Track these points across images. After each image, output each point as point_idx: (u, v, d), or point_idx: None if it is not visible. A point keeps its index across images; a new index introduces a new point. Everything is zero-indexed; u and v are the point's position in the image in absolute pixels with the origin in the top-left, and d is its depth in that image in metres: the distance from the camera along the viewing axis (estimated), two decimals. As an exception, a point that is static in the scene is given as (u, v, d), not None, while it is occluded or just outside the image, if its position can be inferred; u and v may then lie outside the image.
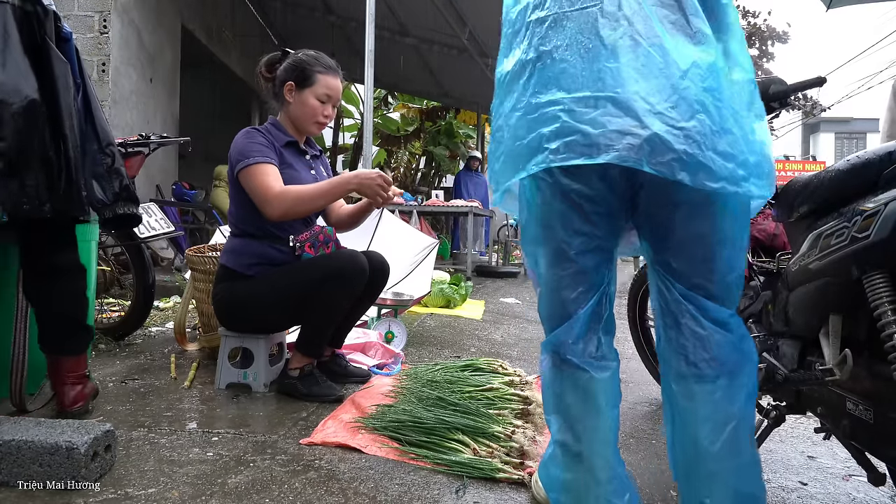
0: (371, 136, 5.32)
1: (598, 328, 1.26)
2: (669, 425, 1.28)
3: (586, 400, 1.26)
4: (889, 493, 1.84)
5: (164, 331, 3.35)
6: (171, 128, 6.52)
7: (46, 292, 1.86)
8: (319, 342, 2.28)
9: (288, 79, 2.28)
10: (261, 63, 2.36)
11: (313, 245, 2.24)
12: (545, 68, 1.14)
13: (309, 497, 1.46)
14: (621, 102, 1.06)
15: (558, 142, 1.08)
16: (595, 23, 1.12)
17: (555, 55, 1.13)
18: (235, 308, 2.23)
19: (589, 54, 1.10)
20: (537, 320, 4.67)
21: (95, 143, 1.80)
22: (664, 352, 1.26)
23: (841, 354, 1.31)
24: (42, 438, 1.42)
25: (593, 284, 1.24)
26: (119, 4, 5.41)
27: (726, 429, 1.20)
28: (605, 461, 1.26)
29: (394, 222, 4.11)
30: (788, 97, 1.67)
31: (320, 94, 2.29)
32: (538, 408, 2.08)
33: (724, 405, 1.20)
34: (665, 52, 1.08)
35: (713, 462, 1.22)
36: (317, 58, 2.32)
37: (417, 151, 12.77)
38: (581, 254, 1.22)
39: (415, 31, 7.86)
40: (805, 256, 1.44)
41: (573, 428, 1.26)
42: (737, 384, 1.20)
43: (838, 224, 1.32)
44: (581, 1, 1.14)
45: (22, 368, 1.90)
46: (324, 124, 2.37)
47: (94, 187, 1.79)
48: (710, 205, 1.16)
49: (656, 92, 1.06)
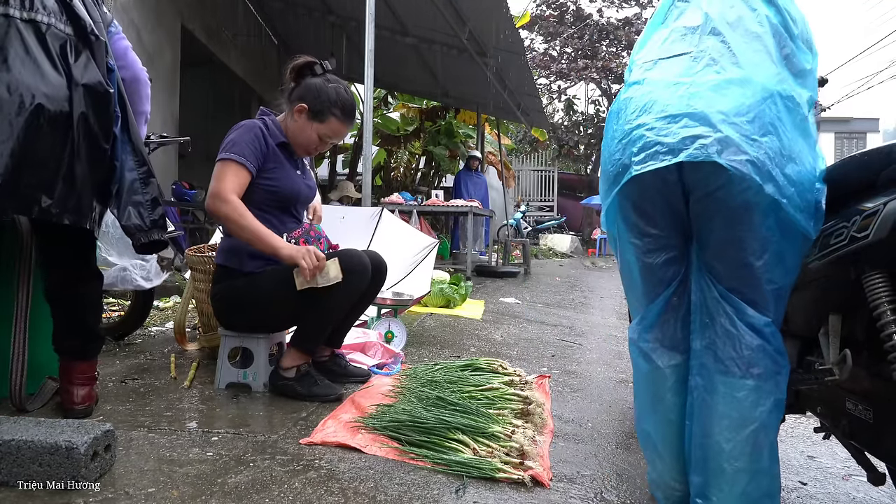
0: (371, 135, 5.32)
1: (671, 319, 1.43)
2: (689, 419, 1.39)
3: (650, 386, 1.46)
4: (889, 493, 1.85)
5: (163, 331, 3.35)
6: (171, 128, 6.51)
7: (69, 299, 1.91)
8: (316, 340, 2.27)
9: (305, 101, 2.26)
10: (297, 63, 2.31)
11: (307, 241, 2.25)
12: (634, 99, 1.36)
13: (309, 497, 1.46)
14: (698, 115, 1.24)
15: (642, 154, 1.27)
16: (683, 63, 1.34)
17: (645, 87, 1.36)
18: (235, 307, 2.23)
19: (676, 87, 1.31)
20: (537, 320, 4.69)
21: (135, 172, 1.86)
22: (695, 347, 1.38)
23: (840, 354, 1.31)
24: (42, 438, 1.42)
25: (662, 279, 1.42)
26: (119, 4, 5.41)
27: (744, 431, 1.29)
28: (670, 445, 1.43)
29: (394, 222, 4.12)
30: None
31: (323, 134, 2.29)
32: (538, 408, 2.08)
33: (747, 406, 1.28)
34: (746, 80, 1.26)
35: (725, 460, 1.28)
36: (341, 100, 2.28)
37: (417, 151, 12.75)
38: (649, 252, 1.41)
39: (415, 30, 7.84)
40: (804, 256, 1.45)
41: (643, 417, 1.49)
42: (765, 389, 1.29)
43: (837, 223, 1.32)
44: (675, 51, 1.38)
45: (22, 368, 1.91)
46: (312, 154, 2.40)
47: (131, 214, 1.84)
48: (752, 214, 1.26)
49: (733, 108, 1.23)
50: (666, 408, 1.44)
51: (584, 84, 19.58)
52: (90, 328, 1.96)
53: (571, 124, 19.46)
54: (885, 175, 1.25)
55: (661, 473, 1.47)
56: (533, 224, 17.45)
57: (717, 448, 1.30)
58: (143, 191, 1.87)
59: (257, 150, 2.18)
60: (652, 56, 1.43)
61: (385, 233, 3.90)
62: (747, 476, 1.28)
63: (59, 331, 1.92)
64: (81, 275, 1.94)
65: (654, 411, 1.46)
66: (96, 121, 1.73)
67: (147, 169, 1.89)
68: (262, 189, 2.21)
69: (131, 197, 1.85)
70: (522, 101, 9.47)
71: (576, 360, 3.41)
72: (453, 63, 8.24)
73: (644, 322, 1.46)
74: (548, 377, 2.77)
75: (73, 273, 1.92)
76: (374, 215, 4.00)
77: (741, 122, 1.22)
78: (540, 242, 15.50)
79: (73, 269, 1.92)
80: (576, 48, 18.08)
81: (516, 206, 16.42)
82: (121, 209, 1.83)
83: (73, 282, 1.91)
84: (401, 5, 7.27)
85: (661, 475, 1.47)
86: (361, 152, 6.74)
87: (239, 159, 2.13)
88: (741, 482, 1.27)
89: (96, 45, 1.77)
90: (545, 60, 17.93)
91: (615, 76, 18.08)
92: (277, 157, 2.25)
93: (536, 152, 20.46)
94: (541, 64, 17.58)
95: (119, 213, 1.83)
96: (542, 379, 2.69)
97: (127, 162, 1.85)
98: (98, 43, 1.78)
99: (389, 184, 12.16)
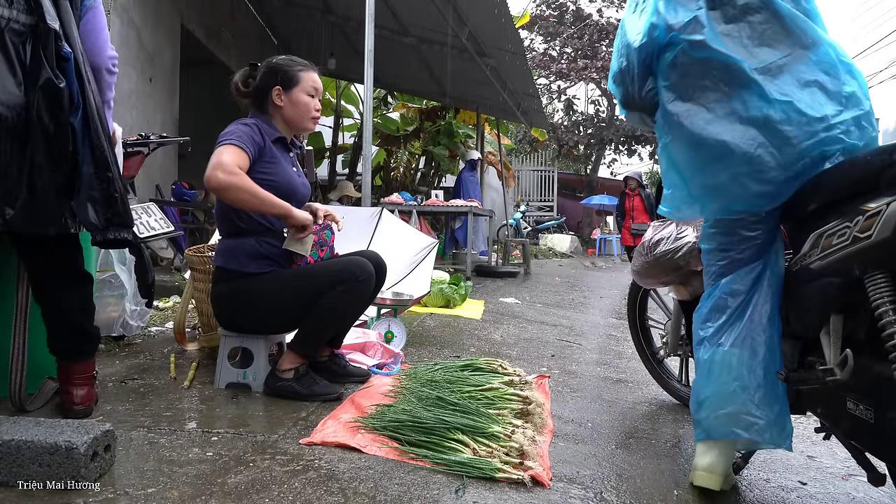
0: (370, 135, 5.32)
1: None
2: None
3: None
4: (889, 493, 1.84)
5: (163, 330, 3.34)
6: (170, 128, 6.51)
7: (55, 306, 1.88)
8: (317, 344, 2.28)
9: (273, 84, 2.28)
10: (233, 82, 2.34)
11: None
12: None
13: (308, 497, 1.45)
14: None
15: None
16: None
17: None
18: (235, 309, 2.23)
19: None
20: (537, 320, 4.69)
21: (92, 166, 1.76)
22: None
23: (842, 354, 1.31)
24: (42, 438, 1.41)
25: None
26: (118, 4, 5.41)
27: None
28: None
29: (393, 222, 4.12)
30: None
31: (308, 90, 2.32)
32: (538, 408, 2.08)
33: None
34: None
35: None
36: (292, 59, 2.36)
37: (417, 151, 12.75)
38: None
39: (415, 30, 7.84)
40: (806, 256, 1.44)
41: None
42: None
43: (840, 224, 1.32)
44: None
45: (22, 368, 1.90)
46: (317, 118, 2.40)
47: (88, 210, 1.76)
48: None
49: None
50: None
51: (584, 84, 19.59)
52: (83, 329, 1.93)
53: (571, 124, 19.47)
54: (888, 175, 1.25)
55: (744, 404, 1.54)
56: (533, 224, 17.46)
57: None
58: (98, 186, 1.77)
59: (254, 141, 2.18)
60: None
61: (385, 233, 3.90)
62: None
63: (52, 334, 1.90)
64: (63, 281, 1.88)
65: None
66: (51, 120, 1.66)
67: (104, 163, 1.78)
68: (260, 183, 2.19)
69: (88, 192, 1.76)
70: (522, 101, 9.47)
71: (576, 360, 3.41)
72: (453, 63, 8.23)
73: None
74: (547, 377, 2.76)
75: (53, 280, 1.87)
76: (373, 215, 4.00)
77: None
78: (540, 242, 15.51)
79: (53, 276, 1.87)
80: (575, 48, 18.09)
81: (516, 206, 16.42)
82: (79, 205, 1.75)
83: (55, 288, 1.87)
84: (401, 5, 7.27)
85: (745, 405, 1.54)
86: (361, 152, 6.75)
87: (238, 143, 2.11)
88: None
89: (46, 34, 1.66)
90: (545, 60, 17.94)
91: (615, 76, 18.06)
92: (274, 153, 2.25)
93: (536, 152, 20.47)
94: (541, 64, 17.58)
95: (77, 208, 1.74)
96: (542, 379, 2.69)
97: (85, 156, 1.76)
98: (48, 32, 1.66)
99: (389, 184, 12.15)
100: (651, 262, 2.18)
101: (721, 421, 1.59)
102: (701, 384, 1.65)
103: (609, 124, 18.68)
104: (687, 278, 2.14)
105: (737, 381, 1.56)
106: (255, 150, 2.17)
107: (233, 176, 2.03)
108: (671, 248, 2.12)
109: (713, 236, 1.67)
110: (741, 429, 1.56)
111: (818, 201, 1.45)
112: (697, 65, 1.55)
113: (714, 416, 1.60)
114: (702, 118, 1.54)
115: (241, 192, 2.05)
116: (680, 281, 2.18)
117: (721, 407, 1.59)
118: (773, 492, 1.80)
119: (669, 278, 2.19)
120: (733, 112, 1.51)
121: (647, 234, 2.25)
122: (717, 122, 1.53)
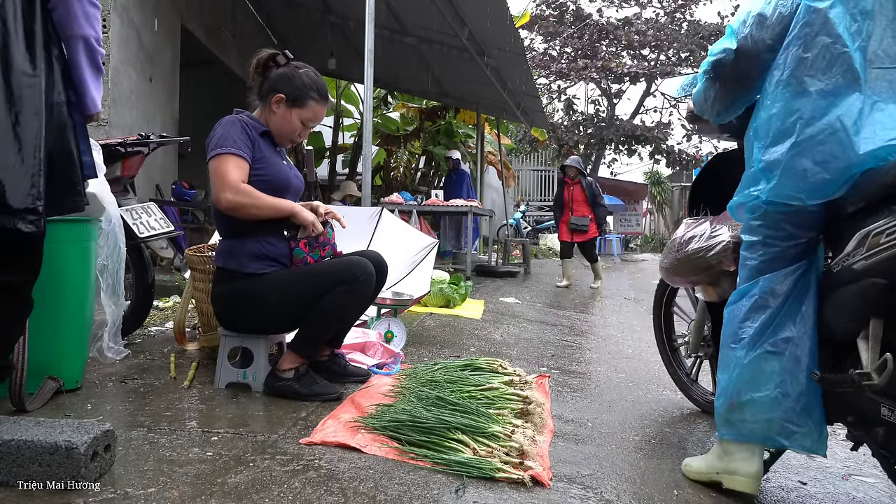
0: (370, 135, 5.32)
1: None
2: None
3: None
4: (889, 493, 1.85)
5: (163, 330, 3.34)
6: (170, 127, 6.51)
7: None
8: (317, 344, 2.28)
9: (280, 90, 2.26)
10: (259, 58, 2.31)
11: (308, 243, 2.23)
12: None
13: (308, 497, 1.46)
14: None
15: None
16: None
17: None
18: (236, 309, 2.22)
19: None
20: (537, 320, 4.69)
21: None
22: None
23: (881, 359, 1.28)
24: (42, 438, 1.41)
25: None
26: (118, 4, 5.41)
27: None
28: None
29: (393, 222, 4.11)
30: None
31: (305, 118, 2.30)
32: (538, 407, 2.08)
33: None
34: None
35: None
36: (315, 83, 2.30)
37: (417, 151, 12.76)
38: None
39: (415, 30, 7.84)
40: (849, 256, 1.41)
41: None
42: None
43: (889, 222, 1.28)
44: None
45: (22, 368, 1.90)
46: (296, 142, 2.40)
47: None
48: None
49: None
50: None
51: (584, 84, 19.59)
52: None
53: (571, 124, 19.46)
54: None
55: (786, 412, 1.52)
56: (533, 224, 17.46)
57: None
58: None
59: (246, 140, 2.19)
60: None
61: (385, 233, 3.90)
62: None
63: None
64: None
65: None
66: None
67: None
68: (253, 180, 2.19)
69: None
70: (522, 101, 9.47)
71: (576, 360, 3.41)
72: (453, 63, 8.23)
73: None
74: (547, 377, 2.77)
75: None
76: (373, 215, 4.00)
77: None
78: (540, 242, 15.51)
79: None
80: (575, 48, 18.08)
81: (516, 206, 16.42)
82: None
83: None
84: (401, 5, 7.27)
85: (787, 413, 1.52)
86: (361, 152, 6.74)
87: (235, 151, 2.13)
88: None
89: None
90: (545, 60, 17.93)
91: (615, 76, 18.07)
92: (261, 148, 2.25)
93: (536, 152, 20.48)
94: (541, 64, 17.57)
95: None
96: (542, 379, 2.69)
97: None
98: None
99: (389, 184, 12.16)
100: (681, 260, 2.10)
101: (761, 426, 1.56)
102: (739, 386, 1.60)
103: (609, 124, 18.67)
104: (717, 279, 2.06)
105: (779, 387, 1.53)
106: (250, 150, 2.19)
107: (241, 196, 2.10)
108: (703, 245, 2.04)
109: (758, 229, 1.61)
110: (782, 437, 1.54)
111: (866, 199, 1.41)
112: (819, 42, 1.48)
113: (753, 420, 1.57)
114: (800, 90, 1.50)
115: (251, 209, 2.12)
116: (709, 281, 2.10)
117: (762, 412, 1.56)
118: (773, 491, 1.81)
119: (699, 278, 2.12)
120: (830, 94, 1.45)
121: (679, 230, 2.18)
122: (808, 98, 1.48)
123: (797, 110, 1.49)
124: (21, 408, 1.90)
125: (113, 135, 5.10)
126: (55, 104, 1.57)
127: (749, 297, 1.61)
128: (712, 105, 1.76)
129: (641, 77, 18.41)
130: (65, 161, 1.59)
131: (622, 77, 18.27)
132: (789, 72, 1.52)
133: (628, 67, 17.94)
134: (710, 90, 1.75)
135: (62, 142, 1.58)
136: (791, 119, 1.50)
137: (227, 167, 2.11)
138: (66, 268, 2.14)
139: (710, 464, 1.72)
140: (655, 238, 22.21)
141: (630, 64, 18.15)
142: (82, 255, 2.21)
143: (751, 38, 1.60)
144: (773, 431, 1.55)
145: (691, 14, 18.70)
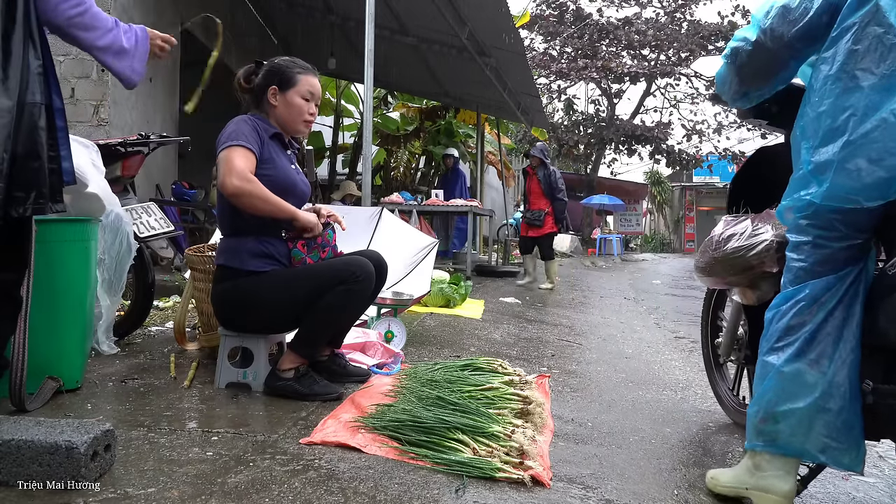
0: (371, 135, 5.32)
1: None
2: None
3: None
4: (889, 494, 1.85)
5: (163, 330, 3.34)
6: (170, 127, 6.51)
7: None
8: (317, 344, 2.28)
9: (270, 84, 2.30)
10: (238, 76, 2.38)
11: (307, 244, 2.24)
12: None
13: (309, 497, 1.46)
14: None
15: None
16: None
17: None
18: (236, 308, 2.22)
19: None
20: (537, 320, 4.69)
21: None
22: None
23: None
24: (42, 438, 1.41)
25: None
26: (119, 4, 5.41)
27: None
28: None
29: (394, 222, 4.11)
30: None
31: (304, 93, 2.32)
32: (538, 407, 2.08)
33: None
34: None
35: None
36: (294, 61, 2.37)
37: (417, 151, 12.77)
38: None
39: (415, 30, 7.84)
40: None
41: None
42: None
43: None
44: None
45: (22, 368, 1.90)
46: (310, 122, 2.41)
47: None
48: None
49: None
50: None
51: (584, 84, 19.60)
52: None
53: (571, 124, 19.48)
54: None
55: (826, 426, 1.45)
56: (533, 224, 17.41)
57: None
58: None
59: (256, 138, 2.21)
60: None
61: (385, 232, 3.90)
62: None
63: None
64: None
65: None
66: None
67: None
68: (259, 179, 2.19)
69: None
70: (522, 101, 9.47)
71: (576, 359, 3.41)
72: (453, 63, 8.24)
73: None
74: (547, 377, 2.77)
75: None
76: (373, 215, 4.00)
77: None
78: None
79: None
80: (576, 48, 18.09)
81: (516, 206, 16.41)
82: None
83: None
84: (401, 5, 7.27)
85: (827, 428, 1.46)
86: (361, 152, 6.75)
87: (244, 143, 2.15)
88: None
89: None
90: (545, 60, 17.94)
91: (615, 76, 18.08)
92: (271, 149, 2.27)
93: (536, 152, 20.44)
94: (541, 64, 17.58)
95: None
96: (542, 379, 2.69)
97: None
98: None
99: (389, 183, 12.17)
100: (719, 259, 1.95)
101: (798, 440, 1.48)
102: (777, 395, 1.52)
103: (609, 124, 18.68)
104: (756, 281, 1.92)
105: (822, 401, 1.45)
106: (259, 147, 2.20)
107: (247, 183, 2.09)
108: (744, 244, 1.88)
109: (807, 228, 1.50)
110: (819, 451, 1.47)
111: None
112: (870, 33, 1.40)
113: (790, 432, 1.49)
114: (851, 85, 1.42)
115: (254, 199, 2.10)
116: (748, 283, 1.96)
117: (801, 425, 1.48)
118: (773, 491, 1.80)
119: (736, 279, 1.96)
120: (884, 87, 1.38)
121: (718, 228, 2.03)
122: (860, 93, 1.41)
123: (849, 106, 1.41)
124: (21, 408, 1.90)
125: (113, 135, 5.11)
126: (26, 104, 1.55)
127: (794, 303, 1.51)
128: (729, 89, 1.72)
129: (641, 77, 18.43)
130: (30, 163, 1.56)
131: (622, 77, 18.29)
132: (839, 66, 1.43)
133: (628, 67, 17.95)
134: (728, 74, 1.70)
135: (30, 143, 1.55)
136: (843, 116, 1.41)
137: (236, 156, 2.13)
138: (66, 267, 2.14)
139: (739, 478, 1.63)
140: (655, 238, 22.22)
141: (630, 64, 18.17)
142: (82, 254, 2.21)
143: (770, 32, 1.54)
144: (810, 445, 1.47)
145: (691, 14, 18.72)
